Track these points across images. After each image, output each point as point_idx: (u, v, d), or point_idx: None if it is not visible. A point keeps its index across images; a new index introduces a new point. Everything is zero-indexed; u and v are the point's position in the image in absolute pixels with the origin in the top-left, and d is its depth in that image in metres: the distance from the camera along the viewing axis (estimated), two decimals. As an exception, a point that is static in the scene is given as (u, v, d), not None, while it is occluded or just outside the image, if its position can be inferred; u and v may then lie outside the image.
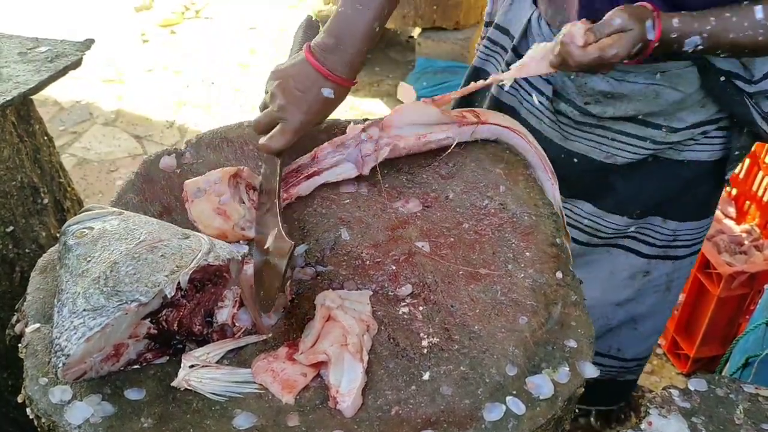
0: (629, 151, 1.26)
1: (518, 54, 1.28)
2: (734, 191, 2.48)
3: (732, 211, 2.45)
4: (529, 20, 1.27)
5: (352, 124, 1.13)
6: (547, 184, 1.13)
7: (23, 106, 1.42)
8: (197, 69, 3.73)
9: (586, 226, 1.39)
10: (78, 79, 3.55)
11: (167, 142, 3.19)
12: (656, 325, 1.57)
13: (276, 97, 1.04)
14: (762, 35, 0.99)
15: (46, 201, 1.45)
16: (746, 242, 2.27)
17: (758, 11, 0.99)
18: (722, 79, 1.15)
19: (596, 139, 1.27)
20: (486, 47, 1.41)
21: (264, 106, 1.08)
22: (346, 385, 0.81)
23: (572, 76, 1.23)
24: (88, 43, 1.40)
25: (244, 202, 1.04)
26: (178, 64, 3.77)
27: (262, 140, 1.05)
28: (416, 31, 3.61)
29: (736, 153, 1.27)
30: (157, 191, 1.07)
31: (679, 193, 1.32)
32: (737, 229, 2.36)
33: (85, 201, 2.73)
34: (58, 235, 0.97)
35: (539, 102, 1.29)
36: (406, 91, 1.13)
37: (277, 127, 1.04)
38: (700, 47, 0.99)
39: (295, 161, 1.10)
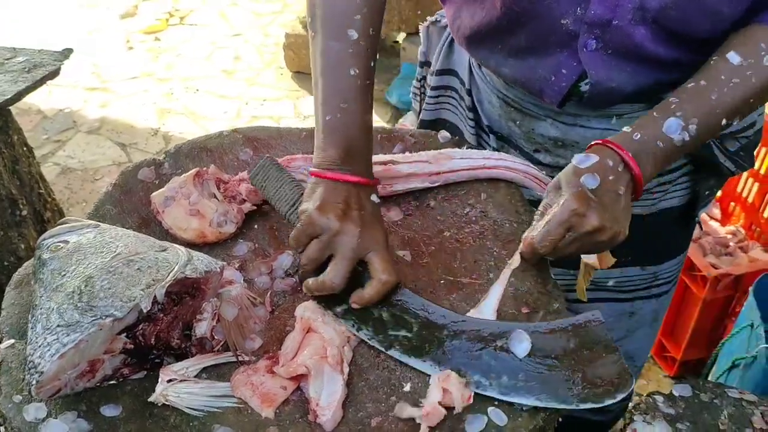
0: None
1: (472, 97, 1.23)
2: (719, 193, 2.49)
3: (717, 213, 2.46)
4: (470, 61, 1.22)
5: None
6: None
7: (0, 116, 1.40)
8: (182, 76, 3.72)
9: (562, 286, 1.24)
10: (61, 87, 3.53)
11: (152, 149, 3.17)
12: (648, 351, 1.53)
13: (325, 228, 0.89)
14: (756, 77, 0.91)
15: (25, 212, 1.44)
16: (731, 244, 2.28)
17: (732, 57, 0.92)
18: None
19: None
20: (437, 95, 1.33)
21: (301, 243, 0.93)
22: (326, 398, 0.80)
23: (518, 122, 1.16)
24: (66, 53, 1.39)
25: (215, 197, 1.03)
26: (162, 72, 3.76)
27: (320, 279, 0.90)
28: (401, 36, 3.61)
29: (707, 193, 1.21)
30: (135, 202, 1.06)
31: (654, 242, 1.25)
32: (722, 230, 2.37)
33: (68, 210, 2.71)
34: (36, 247, 0.95)
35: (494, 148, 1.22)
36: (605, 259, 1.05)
37: (336, 256, 0.90)
38: (693, 128, 0.91)
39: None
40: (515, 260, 0.95)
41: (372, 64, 0.98)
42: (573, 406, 0.79)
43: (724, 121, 0.93)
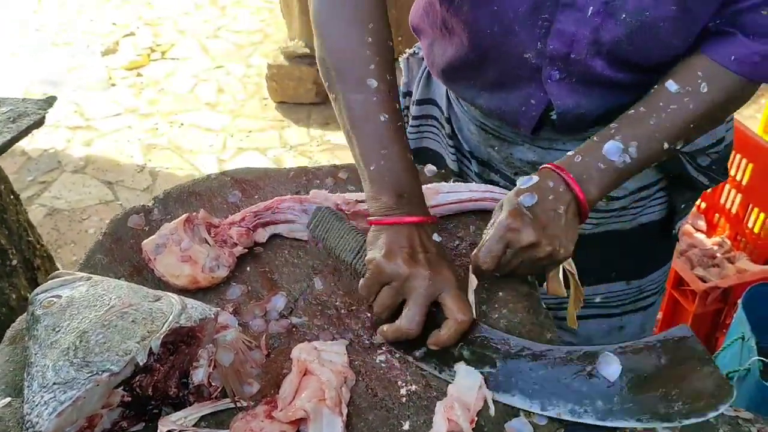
0: None
1: (451, 125, 1.26)
2: (703, 205, 2.53)
3: (702, 224, 2.49)
4: (447, 91, 1.25)
5: (314, 191, 1.11)
6: None
7: (-14, 167, 1.41)
8: (165, 111, 3.73)
9: (552, 304, 1.21)
10: (45, 127, 3.52)
11: (139, 186, 3.17)
12: None
13: (395, 275, 0.90)
14: (693, 104, 0.95)
15: (15, 262, 1.43)
16: (718, 255, 2.31)
17: (670, 86, 0.95)
18: None
19: None
20: (418, 124, 1.35)
21: (372, 292, 0.93)
22: (326, 441, 0.80)
23: (496, 147, 1.19)
24: (50, 101, 1.40)
25: (206, 241, 1.04)
26: (145, 107, 3.77)
27: (396, 325, 0.90)
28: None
29: (683, 206, 1.25)
30: (126, 251, 1.06)
31: (636, 256, 1.28)
32: (708, 242, 2.39)
33: (57, 252, 2.70)
34: (29, 295, 0.95)
35: (475, 172, 1.26)
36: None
37: (409, 301, 0.90)
38: (633, 150, 0.94)
39: (252, 207, 1.09)
40: (472, 280, 0.96)
41: (398, 106, 1.00)
42: (676, 423, 0.78)
43: (666, 145, 0.96)
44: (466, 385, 0.84)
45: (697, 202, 2.55)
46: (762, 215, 2.23)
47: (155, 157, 3.37)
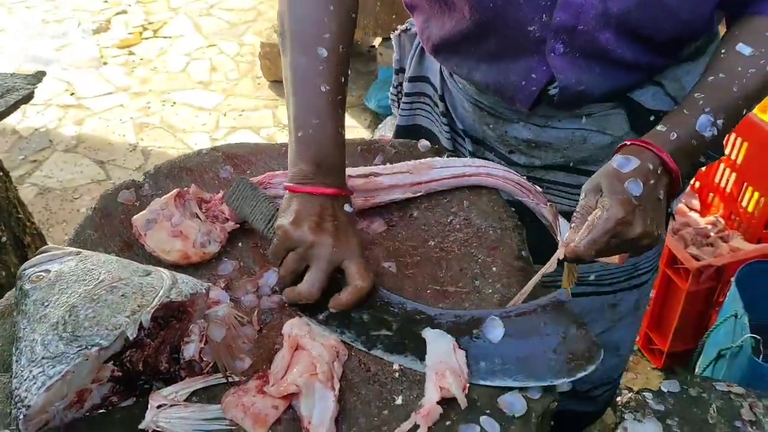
0: (566, 204, 1.19)
1: (445, 102, 1.25)
2: (697, 184, 2.52)
3: (696, 203, 2.49)
4: (441, 68, 1.23)
5: None
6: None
7: (-25, 143, 1.39)
8: (157, 89, 3.70)
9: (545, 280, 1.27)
10: (36, 105, 3.49)
11: (131, 165, 3.15)
12: (632, 341, 1.54)
13: (299, 241, 0.92)
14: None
15: (4, 239, 1.42)
16: (712, 234, 2.31)
17: (742, 49, 0.94)
18: (652, 118, 1.09)
19: None
20: (411, 102, 1.34)
21: (278, 257, 0.95)
22: (318, 415, 0.80)
23: (491, 125, 1.18)
24: (39, 76, 1.37)
25: (197, 217, 1.03)
26: (137, 86, 3.73)
27: (297, 288, 0.92)
28: (377, 41, 3.62)
29: None
30: (117, 226, 1.05)
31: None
32: (702, 221, 2.40)
33: (48, 232, 2.68)
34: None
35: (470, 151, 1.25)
36: None
37: (311, 267, 0.92)
38: (721, 123, 0.92)
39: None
40: (552, 265, 0.93)
41: (343, 80, 1.00)
42: (548, 383, 0.83)
43: (744, 111, 0.96)
44: (443, 350, 0.86)
45: (692, 181, 2.55)
46: (756, 194, 2.23)
47: (147, 136, 3.34)
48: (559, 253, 0.91)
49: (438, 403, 0.80)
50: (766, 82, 0.95)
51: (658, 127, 0.94)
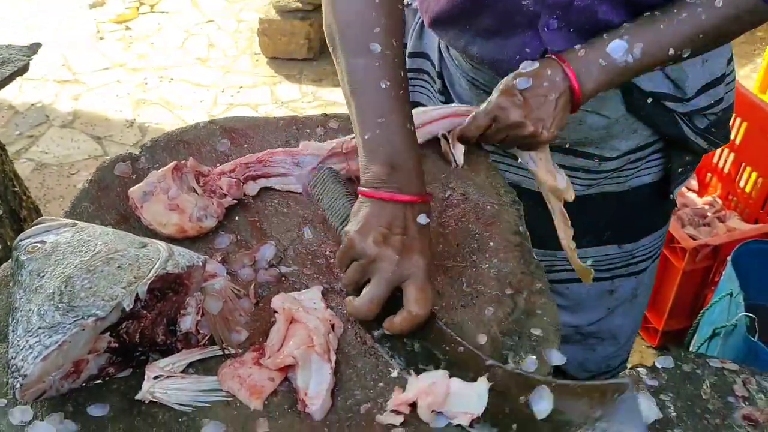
0: None
1: (443, 80, 1.24)
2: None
3: (694, 184, 2.49)
4: (440, 44, 1.22)
5: (304, 142, 1.08)
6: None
7: (-29, 115, 1.38)
8: (155, 65, 3.67)
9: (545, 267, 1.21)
10: (32, 80, 3.47)
11: (128, 141, 3.13)
12: (634, 329, 1.53)
13: (362, 253, 0.87)
14: (705, 15, 0.94)
15: (0, 212, 1.41)
16: (709, 214, 2.31)
17: None
18: (650, 101, 1.10)
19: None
20: (409, 78, 1.26)
21: (342, 265, 0.91)
22: (315, 387, 0.80)
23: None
24: (35, 48, 1.36)
25: (194, 191, 1.02)
26: (134, 61, 3.71)
27: (355, 303, 0.88)
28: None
29: (680, 170, 1.22)
30: (113, 199, 1.05)
31: (630, 219, 1.27)
32: (700, 201, 2.40)
33: (45, 207, 2.67)
34: (14, 246, 0.94)
35: None
36: None
37: (371, 282, 0.87)
38: (638, 51, 0.95)
39: (242, 158, 1.08)
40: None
41: (402, 74, 0.96)
42: None
43: (671, 51, 0.96)
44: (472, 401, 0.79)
45: (695, 169, 2.54)
46: (754, 175, 2.23)
47: (144, 112, 3.32)
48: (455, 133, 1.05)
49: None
50: (698, 30, 0.96)
51: (575, 45, 0.99)
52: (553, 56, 0.97)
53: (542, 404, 0.77)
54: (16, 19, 4.03)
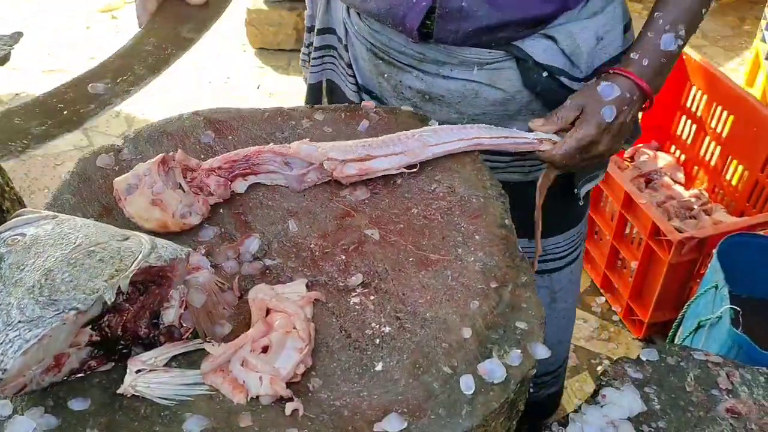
0: None
1: (349, 53, 1.24)
2: (683, 157, 2.53)
3: (681, 176, 2.50)
4: (344, 17, 1.22)
5: (296, 143, 1.05)
6: None
7: (-49, 105, 1.36)
8: (141, 55, 3.63)
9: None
10: (18, 70, 3.42)
11: (114, 132, 3.11)
12: (558, 336, 1.52)
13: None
14: None
15: (-18, 203, 1.40)
16: (695, 207, 2.32)
17: None
18: (545, 74, 1.11)
19: None
20: (320, 56, 1.32)
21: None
22: (283, 361, 0.81)
23: (386, 75, 1.19)
24: (16, 37, 1.34)
25: (180, 187, 1.00)
26: (121, 51, 3.66)
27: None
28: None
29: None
30: (95, 191, 1.04)
31: (533, 213, 1.24)
32: (686, 194, 2.41)
33: (30, 198, 2.65)
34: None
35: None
36: None
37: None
38: (683, 33, 1.07)
39: (230, 154, 1.06)
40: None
41: None
42: None
43: (704, 11, 1.08)
44: None
45: (677, 155, 2.56)
46: (740, 167, 2.24)
47: (131, 104, 3.28)
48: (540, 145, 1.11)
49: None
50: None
51: (632, 55, 1.09)
52: (620, 72, 1.08)
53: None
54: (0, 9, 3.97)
